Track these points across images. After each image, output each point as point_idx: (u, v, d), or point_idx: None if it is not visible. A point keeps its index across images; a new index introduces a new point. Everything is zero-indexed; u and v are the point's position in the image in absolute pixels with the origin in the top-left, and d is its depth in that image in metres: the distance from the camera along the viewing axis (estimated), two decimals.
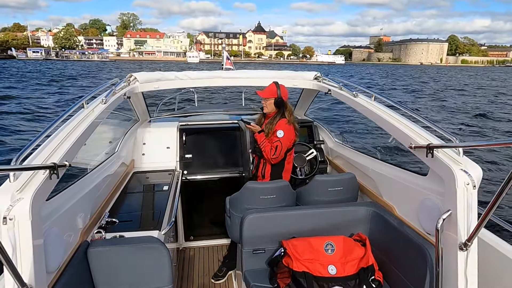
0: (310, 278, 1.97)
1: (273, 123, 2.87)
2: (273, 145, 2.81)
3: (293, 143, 2.95)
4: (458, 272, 1.60)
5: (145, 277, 1.80)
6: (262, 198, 2.49)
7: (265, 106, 2.95)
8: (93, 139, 2.59)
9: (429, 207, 1.92)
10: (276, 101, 2.87)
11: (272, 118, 2.91)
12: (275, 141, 2.82)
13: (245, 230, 2.23)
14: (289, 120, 2.88)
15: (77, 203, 1.86)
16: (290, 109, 2.95)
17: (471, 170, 1.65)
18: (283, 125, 2.85)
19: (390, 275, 2.10)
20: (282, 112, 2.90)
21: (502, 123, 14.42)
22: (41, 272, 1.32)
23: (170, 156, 3.61)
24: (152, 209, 2.56)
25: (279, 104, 2.89)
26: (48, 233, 1.46)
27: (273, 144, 2.82)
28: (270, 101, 2.90)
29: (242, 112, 4.85)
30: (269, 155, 2.82)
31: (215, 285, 3.12)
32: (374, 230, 2.32)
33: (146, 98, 3.93)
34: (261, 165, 3.01)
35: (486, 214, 1.40)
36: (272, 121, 2.89)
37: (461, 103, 21.29)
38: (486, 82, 45.24)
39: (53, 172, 1.41)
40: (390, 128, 2.22)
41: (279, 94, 2.85)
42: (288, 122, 2.87)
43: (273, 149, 2.80)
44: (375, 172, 2.68)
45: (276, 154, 2.80)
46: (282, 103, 2.89)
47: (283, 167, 2.98)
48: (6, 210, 1.21)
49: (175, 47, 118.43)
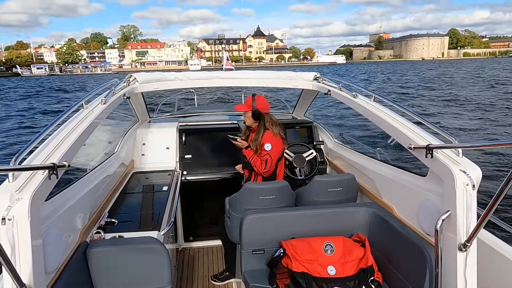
0: (310, 278, 1.97)
1: (258, 138, 2.87)
2: (263, 159, 2.82)
3: (282, 152, 2.96)
4: (457, 272, 1.60)
5: (144, 277, 1.79)
6: (261, 198, 2.49)
7: (245, 118, 3.00)
8: (93, 140, 2.59)
9: (428, 208, 1.92)
10: (253, 113, 2.88)
11: (257, 133, 2.90)
12: (264, 155, 2.82)
13: (244, 231, 2.23)
14: (273, 131, 2.88)
15: (76, 203, 1.86)
16: (271, 120, 2.94)
17: (471, 170, 1.65)
18: (269, 137, 2.85)
19: (389, 276, 2.09)
20: (263, 124, 2.89)
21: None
22: (40, 273, 1.32)
23: (169, 156, 3.60)
24: (151, 210, 2.56)
25: (257, 117, 2.89)
26: (47, 233, 1.46)
27: (262, 158, 2.83)
28: (248, 114, 2.92)
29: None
30: (260, 169, 2.83)
31: (214, 285, 3.12)
32: (373, 231, 2.32)
33: (146, 98, 3.93)
34: (253, 178, 3.01)
35: (485, 215, 1.40)
36: (257, 136, 2.89)
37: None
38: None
39: (52, 172, 1.41)
40: (390, 128, 2.22)
41: (254, 106, 2.86)
42: (273, 133, 2.87)
43: (263, 163, 2.81)
44: (375, 173, 2.68)
45: (267, 167, 2.82)
46: (259, 115, 2.89)
47: (275, 176, 2.99)
48: (5, 210, 1.21)
49: (176, 56, 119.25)
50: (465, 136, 11.69)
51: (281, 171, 3.05)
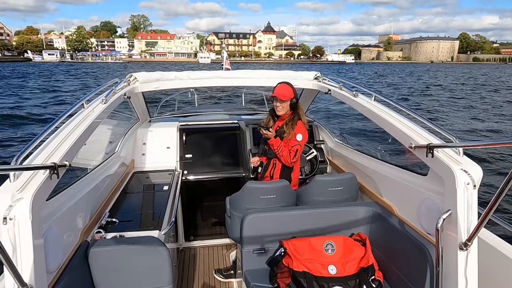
0: (310, 278, 1.97)
1: (293, 127, 2.80)
2: (293, 149, 2.77)
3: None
4: (458, 272, 1.60)
5: (145, 277, 1.80)
6: (262, 198, 2.49)
7: (280, 108, 2.83)
8: (93, 139, 2.58)
9: (429, 207, 1.92)
10: (292, 102, 2.81)
11: (290, 122, 2.82)
12: (295, 145, 2.77)
13: (245, 230, 2.23)
14: (304, 122, 2.85)
15: (77, 203, 1.86)
16: (302, 109, 2.91)
17: (471, 170, 1.65)
18: (301, 128, 2.81)
19: (390, 275, 2.10)
20: (297, 114, 2.85)
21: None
22: (41, 272, 1.32)
23: (170, 156, 3.61)
24: (152, 209, 2.56)
25: (294, 105, 2.83)
26: (48, 233, 1.46)
27: (292, 148, 2.77)
28: (287, 103, 2.80)
29: (242, 112, 4.84)
30: (288, 159, 2.77)
31: (215, 284, 3.13)
32: (374, 230, 2.32)
33: (146, 98, 3.93)
34: (271, 166, 2.96)
35: (486, 214, 1.40)
36: (291, 125, 2.81)
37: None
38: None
39: (53, 172, 1.41)
40: (390, 128, 2.22)
41: (296, 94, 2.82)
42: (304, 124, 2.84)
43: (293, 153, 2.77)
44: (375, 172, 2.68)
45: (296, 157, 2.79)
46: (296, 104, 2.84)
47: (293, 168, 2.95)
48: (6, 210, 1.21)
49: (186, 48, 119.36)
50: (466, 135, 11.69)
51: (298, 163, 3.02)
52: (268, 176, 2.97)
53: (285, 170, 2.91)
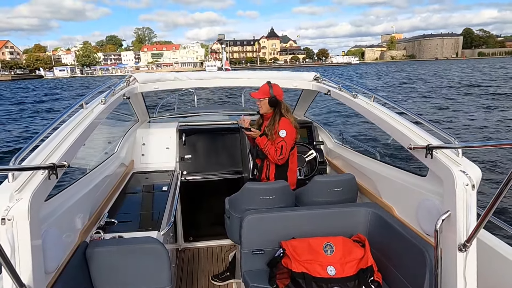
0: (309, 279, 1.97)
1: (274, 124, 2.86)
2: (278, 146, 2.80)
3: (295, 141, 2.94)
4: (457, 273, 1.60)
5: (144, 278, 1.79)
6: (261, 198, 2.48)
7: (260, 107, 2.95)
8: (93, 140, 2.59)
9: (428, 208, 1.92)
10: (270, 100, 2.87)
11: (272, 119, 2.90)
12: (279, 141, 2.80)
13: (244, 231, 2.23)
14: (288, 118, 2.89)
15: (76, 203, 1.86)
16: (286, 107, 2.95)
17: (470, 170, 1.65)
18: (284, 124, 2.85)
19: (389, 276, 2.09)
20: (279, 111, 2.90)
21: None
22: (40, 273, 1.32)
23: (169, 156, 3.60)
24: (151, 210, 2.55)
25: (273, 103, 2.88)
26: (47, 233, 1.46)
27: (277, 145, 2.81)
28: (264, 101, 2.90)
29: (241, 112, 4.84)
30: (275, 157, 2.80)
31: (214, 286, 3.12)
32: (373, 231, 2.32)
33: (145, 98, 3.93)
34: (265, 167, 2.99)
35: (485, 215, 1.40)
36: (272, 122, 2.88)
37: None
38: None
39: (52, 172, 1.41)
40: (389, 128, 2.22)
41: (272, 93, 2.86)
42: (289, 121, 2.88)
43: (278, 149, 2.79)
44: (375, 173, 2.68)
45: (283, 154, 2.80)
46: (276, 102, 2.89)
47: (287, 167, 2.96)
48: (4, 210, 1.21)
49: (192, 58, 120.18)
50: (466, 136, 11.69)
51: (294, 163, 3.03)
52: (264, 177, 3.00)
53: (280, 170, 2.93)
